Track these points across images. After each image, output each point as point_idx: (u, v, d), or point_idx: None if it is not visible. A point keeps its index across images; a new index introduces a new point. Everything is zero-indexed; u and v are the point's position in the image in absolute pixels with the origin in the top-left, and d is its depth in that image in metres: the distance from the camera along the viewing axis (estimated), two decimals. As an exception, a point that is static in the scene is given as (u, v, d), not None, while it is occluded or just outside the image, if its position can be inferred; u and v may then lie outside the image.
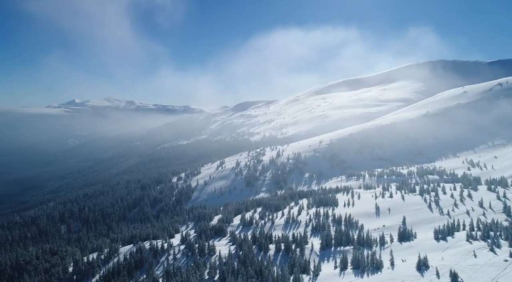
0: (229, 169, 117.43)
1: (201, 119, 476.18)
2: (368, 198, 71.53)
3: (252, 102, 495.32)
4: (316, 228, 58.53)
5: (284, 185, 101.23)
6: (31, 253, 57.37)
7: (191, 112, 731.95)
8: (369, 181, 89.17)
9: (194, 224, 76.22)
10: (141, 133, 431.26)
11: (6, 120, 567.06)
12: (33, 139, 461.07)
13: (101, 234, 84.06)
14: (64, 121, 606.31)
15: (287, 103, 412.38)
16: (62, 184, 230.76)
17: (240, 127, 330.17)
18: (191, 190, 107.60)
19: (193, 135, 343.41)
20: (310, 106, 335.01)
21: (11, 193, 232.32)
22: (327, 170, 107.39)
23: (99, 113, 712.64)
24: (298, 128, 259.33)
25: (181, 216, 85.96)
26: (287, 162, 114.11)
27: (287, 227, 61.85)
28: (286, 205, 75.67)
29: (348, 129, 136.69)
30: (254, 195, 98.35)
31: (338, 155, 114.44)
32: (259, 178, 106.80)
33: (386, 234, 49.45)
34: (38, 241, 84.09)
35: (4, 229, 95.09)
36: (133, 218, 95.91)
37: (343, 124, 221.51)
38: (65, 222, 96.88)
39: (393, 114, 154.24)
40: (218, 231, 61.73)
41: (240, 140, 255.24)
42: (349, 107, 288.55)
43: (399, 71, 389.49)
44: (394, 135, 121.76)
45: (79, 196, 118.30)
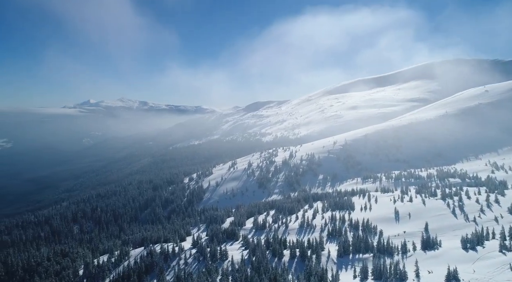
0: (241, 170, 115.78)
1: (212, 120, 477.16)
2: (386, 202, 68.53)
3: (264, 102, 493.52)
4: (332, 233, 56.10)
5: (297, 187, 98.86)
6: (43, 254, 56.96)
7: (203, 112, 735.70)
8: (386, 184, 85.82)
9: (206, 226, 74.81)
10: (154, 133, 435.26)
11: (24, 121, 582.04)
12: (49, 139, 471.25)
13: (113, 235, 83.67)
14: (79, 121, 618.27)
15: (299, 104, 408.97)
16: (77, 183, 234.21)
17: (252, 128, 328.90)
18: (203, 191, 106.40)
19: (205, 136, 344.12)
20: (323, 106, 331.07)
21: (27, 191, 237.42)
22: (341, 171, 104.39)
23: (112, 114, 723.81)
24: (310, 128, 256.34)
25: (192, 217, 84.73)
26: (300, 163, 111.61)
27: (301, 231, 59.62)
28: (300, 208, 73.42)
29: (363, 130, 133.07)
30: (267, 196, 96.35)
31: (353, 156, 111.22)
32: (271, 180, 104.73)
33: (407, 241, 46.70)
34: (51, 241, 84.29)
35: (19, 228, 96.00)
36: (144, 219, 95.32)
37: (356, 124, 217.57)
38: (77, 222, 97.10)
39: (410, 115, 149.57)
40: (230, 234, 60.00)
41: (251, 140, 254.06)
42: (363, 107, 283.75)
43: (414, 71, 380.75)
44: (412, 136, 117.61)
45: (92, 195, 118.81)
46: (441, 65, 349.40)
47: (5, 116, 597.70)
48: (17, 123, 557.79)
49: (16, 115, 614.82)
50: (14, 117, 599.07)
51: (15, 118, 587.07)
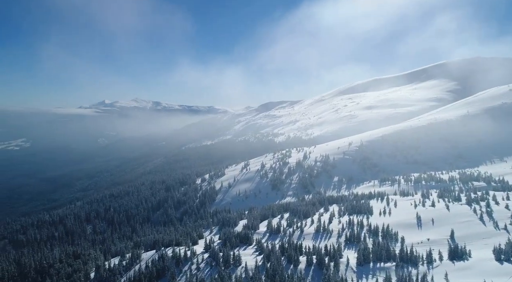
0: (254, 171, 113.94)
1: (225, 120, 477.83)
2: (406, 206, 65.37)
3: (276, 102, 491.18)
4: (350, 239, 53.51)
5: (311, 189, 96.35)
6: (55, 256, 56.52)
7: (215, 112, 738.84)
8: (405, 187, 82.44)
9: (218, 229, 73.36)
10: (167, 133, 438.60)
11: (42, 121, 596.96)
12: (66, 138, 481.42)
13: (125, 236, 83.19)
14: (94, 121, 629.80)
15: (312, 104, 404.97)
16: (91, 182, 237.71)
17: (264, 128, 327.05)
18: (215, 192, 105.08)
19: (217, 136, 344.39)
20: (336, 106, 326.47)
21: (44, 190, 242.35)
22: (357, 173, 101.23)
23: (126, 114, 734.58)
24: (324, 129, 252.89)
25: (205, 219, 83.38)
26: (314, 165, 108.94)
27: (317, 236, 57.20)
28: (315, 212, 70.98)
29: (379, 130, 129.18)
30: (280, 199, 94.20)
31: (370, 157, 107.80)
32: (285, 181, 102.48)
33: (432, 249, 43.73)
34: (64, 242, 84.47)
35: (34, 227, 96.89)
36: (156, 220, 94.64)
37: (371, 125, 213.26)
38: (91, 222, 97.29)
39: (429, 115, 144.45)
40: (244, 238, 58.14)
41: (264, 141, 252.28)
42: (377, 107, 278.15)
43: (431, 70, 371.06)
44: (431, 137, 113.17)
45: (105, 195, 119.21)
46: (460, 63, 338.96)
47: (24, 117, 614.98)
48: (35, 123, 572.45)
49: (34, 116, 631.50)
50: (32, 117, 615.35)
51: (33, 119, 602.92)
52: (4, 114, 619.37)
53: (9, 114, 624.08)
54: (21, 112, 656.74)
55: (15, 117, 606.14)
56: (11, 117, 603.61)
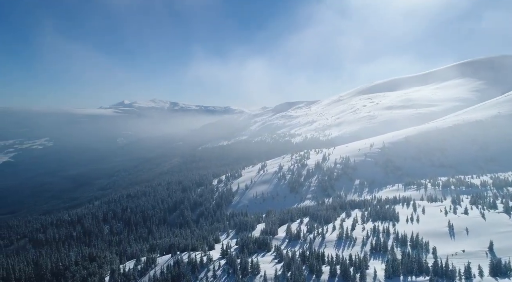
0: (271, 172, 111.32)
1: (241, 120, 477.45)
2: (435, 213, 61.06)
3: (293, 102, 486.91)
4: (375, 248, 50.01)
5: (331, 192, 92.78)
6: (71, 258, 55.87)
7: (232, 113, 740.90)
8: (433, 192, 77.61)
9: (235, 232, 71.18)
10: (184, 133, 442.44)
11: (64, 120, 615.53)
12: (87, 138, 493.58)
13: (141, 238, 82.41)
14: (114, 121, 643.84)
15: (330, 104, 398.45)
16: (110, 181, 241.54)
17: (281, 129, 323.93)
18: (232, 194, 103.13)
19: (234, 136, 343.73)
20: (355, 106, 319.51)
21: (65, 188, 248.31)
22: (380, 177, 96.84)
23: (145, 114, 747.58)
24: (342, 129, 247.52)
25: (221, 222, 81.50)
26: (334, 167, 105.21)
27: (340, 244, 53.98)
28: (337, 217, 67.60)
29: (402, 131, 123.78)
30: (299, 202, 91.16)
31: (393, 160, 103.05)
32: (303, 184, 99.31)
33: (470, 263, 39.80)
34: (82, 242, 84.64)
35: (53, 226, 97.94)
36: (173, 221, 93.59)
37: (392, 126, 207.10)
38: (108, 222, 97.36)
39: (455, 115, 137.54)
40: (262, 244, 55.63)
41: (281, 141, 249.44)
42: (398, 107, 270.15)
43: (454, 69, 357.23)
44: (459, 139, 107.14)
45: (122, 196, 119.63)
46: (487, 62, 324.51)
47: (47, 117, 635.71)
48: (57, 123, 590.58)
49: (57, 116, 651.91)
50: (55, 117, 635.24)
51: (56, 119, 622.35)
52: (29, 115, 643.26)
53: (34, 115, 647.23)
54: (45, 113, 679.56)
55: (40, 117, 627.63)
56: (35, 117, 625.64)
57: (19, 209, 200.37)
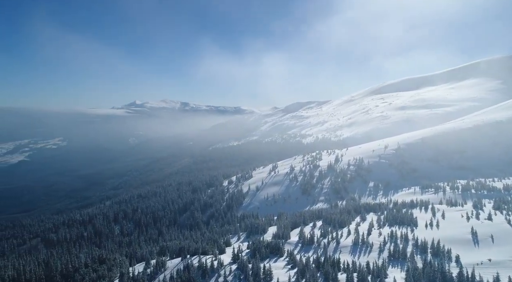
0: (283, 174, 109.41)
1: (251, 120, 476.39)
2: (456, 218, 58.23)
3: (303, 103, 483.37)
4: (394, 255, 47.64)
5: (345, 195, 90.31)
6: (81, 260, 55.30)
7: (242, 113, 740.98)
8: (452, 195, 74.35)
9: (246, 235, 69.67)
10: (194, 133, 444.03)
11: (78, 121, 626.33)
12: (99, 138, 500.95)
13: (151, 239, 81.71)
14: (126, 121, 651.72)
15: (341, 104, 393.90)
16: (121, 181, 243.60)
17: (291, 129, 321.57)
18: (242, 195, 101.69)
19: (244, 136, 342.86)
20: (367, 107, 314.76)
21: (78, 188, 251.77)
22: (395, 179, 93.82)
23: (156, 114, 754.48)
24: (353, 130, 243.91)
25: (232, 224, 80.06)
26: (347, 169, 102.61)
27: (356, 250, 51.77)
28: (351, 221, 65.28)
29: (418, 132, 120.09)
30: (311, 204, 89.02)
31: (408, 162, 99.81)
32: (316, 186, 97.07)
33: (498, 273, 37.21)
34: (93, 242, 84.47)
35: (65, 226, 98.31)
36: (183, 223, 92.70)
37: (405, 126, 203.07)
38: (118, 222, 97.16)
39: (474, 116, 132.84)
40: (274, 249, 53.87)
41: (291, 142, 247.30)
42: (412, 108, 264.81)
43: (470, 68, 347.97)
44: (479, 141, 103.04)
45: (133, 196, 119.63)
46: (505, 61, 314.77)
47: (62, 117, 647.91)
48: (71, 123, 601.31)
49: (71, 116, 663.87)
50: (69, 117, 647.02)
51: (69, 119, 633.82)
52: (44, 115, 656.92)
53: (49, 115, 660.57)
54: (59, 113, 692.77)
55: (54, 117, 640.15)
56: (50, 117, 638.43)
57: (34, 208, 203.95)
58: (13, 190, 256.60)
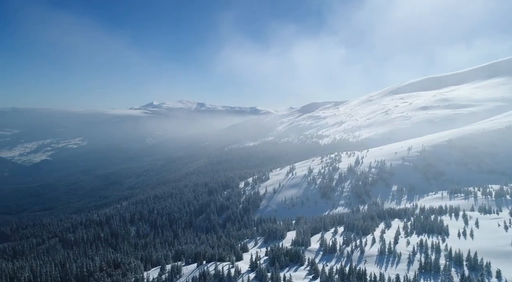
0: (301, 176, 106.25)
1: (267, 121, 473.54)
2: (492, 227, 53.77)
3: (320, 103, 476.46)
4: (425, 267, 43.97)
5: (366, 199, 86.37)
6: (95, 263, 54.29)
7: (258, 113, 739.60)
8: (485, 202, 69.43)
9: (264, 240, 67.17)
10: (210, 134, 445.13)
11: (97, 121, 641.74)
12: (117, 138, 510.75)
13: (167, 242, 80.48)
14: (143, 122, 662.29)
15: (359, 104, 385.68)
16: (139, 181, 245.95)
17: (308, 129, 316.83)
18: (259, 198, 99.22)
19: (260, 137, 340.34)
20: (386, 107, 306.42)
21: (96, 187, 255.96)
22: (420, 183, 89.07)
23: (173, 115, 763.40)
24: (372, 131, 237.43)
25: (249, 228, 77.82)
26: (368, 171, 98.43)
27: (382, 260, 48.31)
28: (375, 227, 61.62)
29: (444, 134, 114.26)
30: (331, 208, 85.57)
31: (434, 165, 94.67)
32: (335, 189, 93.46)
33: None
34: (109, 244, 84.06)
35: (82, 226, 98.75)
36: (199, 225, 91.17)
37: (427, 127, 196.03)
38: (134, 223, 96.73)
39: (504, 117, 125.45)
40: (294, 257, 51.13)
41: (308, 143, 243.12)
42: (434, 108, 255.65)
43: (496, 66, 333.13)
44: (511, 143, 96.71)
45: (149, 196, 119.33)
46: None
47: (82, 117, 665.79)
48: (91, 123, 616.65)
49: (90, 116, 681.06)
50: (89, 118, 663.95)
51: (89, 119, 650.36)
52: (66, 115, 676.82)
53: (70, 115, 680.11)
54: (80, 113, 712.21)
55: (75, 118, 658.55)
56: (71, 117, 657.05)
57: (55, 206, 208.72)
58: (36, 188, 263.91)
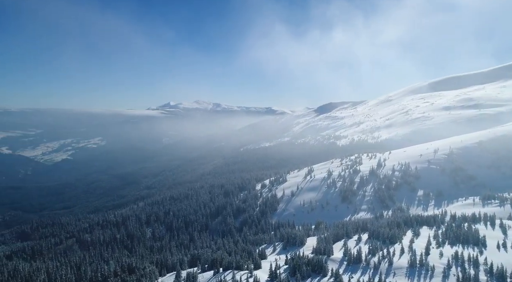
0: (320, 179, 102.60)
1: (283, 121, 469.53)
2: (535, 239, 48.89)
3: (337, 103, 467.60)
4: (463, 283, 40.03)
5: (390, 204, 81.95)
6: (110, 268, 52.96)
7: (273, 114, 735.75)
8: (523, 209, 64.09)
9: (282, 247, 64.29)
10: (226, 134, 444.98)
11: (116, 121, 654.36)
12: (135, 138, 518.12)
13: (183, 245, 78.82)
14: (160, 122, 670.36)
15: (378, 104, 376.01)
16: (155, 181, 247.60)
17: (325, 130, 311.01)
18: (277, 201, 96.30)
19: (275, 138, 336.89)
20: (407, 107, 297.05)
21: (114, 186, 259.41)
22: (448, 187, 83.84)
23: (189, 115, 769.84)
24: (392, 132, 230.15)
25: (266, 233, 75.17)
26: (392, 174, 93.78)
27: (413, 273, 44.53)
28: (402, 235, 57.61)
29: (473, 135, 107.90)
30: (353, 213, 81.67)
31: (463, 168, 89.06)
32: (357, 193, 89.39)
33: None
34: (125, 246, 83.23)
35: (99, 227, 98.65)
36: (215, 228, 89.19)
37: (450, 128, 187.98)
38: (150, 225, 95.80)
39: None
40: (316, 267, 48.01)
41: (325, 144, 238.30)
42: (457, 108, 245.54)
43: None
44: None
45: (165, 198, 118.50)
46: None
47: (102, 117, 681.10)
48: (110, 123, 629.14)
49: (110, 117, 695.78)
50: (108, 118, 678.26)
51: (109, 119, 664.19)
52: (86, 115, 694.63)
53: (90, 115, 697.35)
54: (99, 114, 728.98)
55: (94, 117, 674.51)
56: (91, 118, 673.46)
57: (74, 205, 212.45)
58: (56, 187, 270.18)
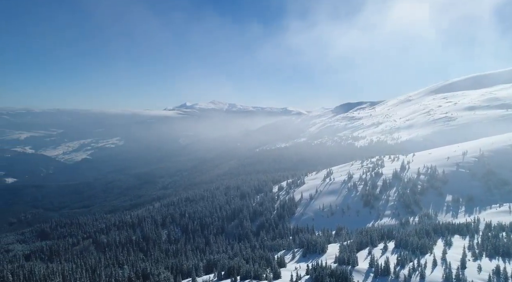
0: (339, 182, 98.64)
1: (299, 122, 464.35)
2: None
3: (354, 103, 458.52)
4: (508, 302, 35.88)
5: (416, 210, 77.25)
6: (124, 273, 51.42)
7: (289, 114, 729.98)
8: None
9: (302, 254, 61.10)
10: (241, 135, 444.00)
11: (133, 121, 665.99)
12: (152, 138, 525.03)
13: (198, 248, 76.93)
14: (177, 122, 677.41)
15: (397, 105, 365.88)
16: (172, 181, 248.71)
17: (342, 131, 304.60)
18: (295, 204, 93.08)
19: (291, 138, 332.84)
20: (428, 107, 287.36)
21: (132, 185, 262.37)
22: (480, 193, 78.34)
23: (205, 115, 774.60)
24: (412, 133, 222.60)
25: (284, 238, 72.17)
26: (417, 178, 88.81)
27: (449, 289, 40.57)
28: (433, 245, 53.36)
29: (506, 137, 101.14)
30: (376, 219, 77.49)
31: (496, 172, 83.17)
32: (380, 197, 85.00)
33: None
34: (140, 248, 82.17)
35: (115, 228, 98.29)
36: (231, 232, 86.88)
37: (475, 129, 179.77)
38: (166, 227, 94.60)
39: None
40: (340, 279, 44.66)
41: (343, 145, 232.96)
42: (482, 108, 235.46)
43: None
44: None
45: (181, 199, 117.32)
46: None
47: (120, 118, 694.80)
48: (128, 124, 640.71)
49: (127, 117, 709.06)
50: (126, 118, 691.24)
51: (126, 120, 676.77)
52: (105, 116, 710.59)
53: (108, 116, 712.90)
54: (117, 114, 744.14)
55: (113, 118, 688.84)
56: (109, 118, 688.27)
57: (93, 204, 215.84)
58: (76, 186, 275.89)
